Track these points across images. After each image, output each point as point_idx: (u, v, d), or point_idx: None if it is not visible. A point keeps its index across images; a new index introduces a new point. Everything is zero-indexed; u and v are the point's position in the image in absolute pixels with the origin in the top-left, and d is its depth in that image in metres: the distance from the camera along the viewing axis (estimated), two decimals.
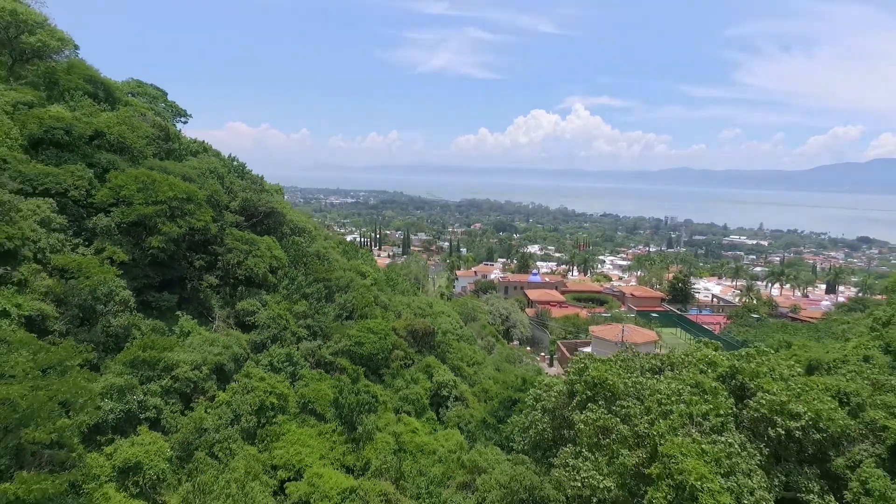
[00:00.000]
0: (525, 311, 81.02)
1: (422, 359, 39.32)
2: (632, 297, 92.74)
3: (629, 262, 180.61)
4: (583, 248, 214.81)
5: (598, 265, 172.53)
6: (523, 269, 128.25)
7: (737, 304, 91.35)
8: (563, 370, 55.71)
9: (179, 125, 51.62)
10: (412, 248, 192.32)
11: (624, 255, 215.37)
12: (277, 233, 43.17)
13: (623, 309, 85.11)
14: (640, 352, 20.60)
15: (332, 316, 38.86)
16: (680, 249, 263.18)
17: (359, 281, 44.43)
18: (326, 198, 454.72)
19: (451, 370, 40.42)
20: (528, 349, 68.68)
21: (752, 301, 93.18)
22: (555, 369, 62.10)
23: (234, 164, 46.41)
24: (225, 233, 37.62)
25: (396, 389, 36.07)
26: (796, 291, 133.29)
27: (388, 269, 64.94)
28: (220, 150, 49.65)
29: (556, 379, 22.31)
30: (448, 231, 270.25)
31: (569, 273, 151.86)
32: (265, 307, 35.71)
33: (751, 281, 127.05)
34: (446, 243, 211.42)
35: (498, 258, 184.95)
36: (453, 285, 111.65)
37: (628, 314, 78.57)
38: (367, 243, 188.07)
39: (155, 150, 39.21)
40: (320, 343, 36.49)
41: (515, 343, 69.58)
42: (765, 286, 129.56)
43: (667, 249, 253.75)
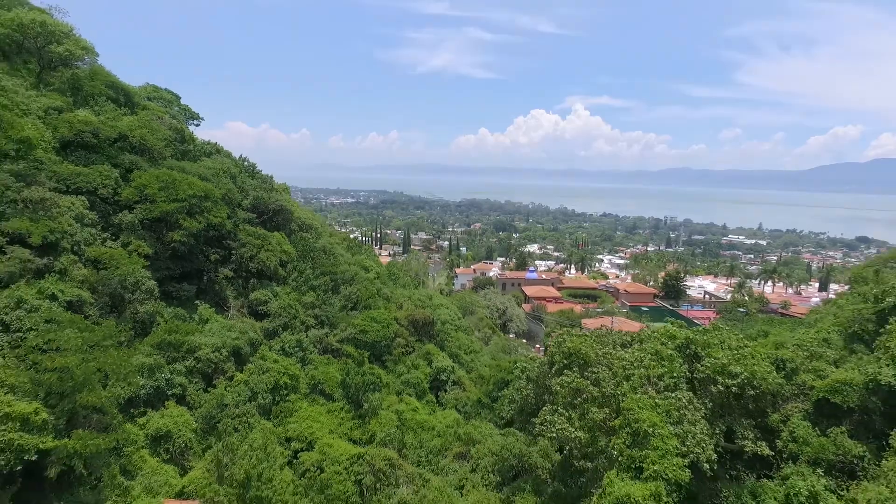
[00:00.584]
0: (522, 307, 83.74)
1: (422, 346, 42.00)
2: (625, 293, 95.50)
3: (626, 261, 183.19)
4: (581, 247, 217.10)
5: (596, 264, 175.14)
6: (521, 266, 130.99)
7: (728, 301, 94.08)
8: None
9: (192, 127, 54.45)
10: (412, 247, 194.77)
11: (622, 255, 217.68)
12: (286, 229, 45.89)
13: (617, 304, 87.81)
14: (613, 329, 23.28)
15: (338, 306, 41.57)
16: (678, 249, 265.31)
17: (363, 274, 47.12)
18: (327, 198, 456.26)
19: (450, 357, 43.13)
20: (524, 341, 71.32)
21: (743, 298, 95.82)
22: None
23: (245, 164, 49.11)
24: (238, 229, 40.33)
25: (398, 374, 38.76)
26: (789, 289, 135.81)
27: (389, 266, 67.56)
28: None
29: (539, 355, 25.00)
30: (448, 231, 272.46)
31: (566, 271, 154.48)
32: (276, 297, 38.43)
33: (744, 279, 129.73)
34: (446, 243, 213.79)
35: (497, 257, 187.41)
36: (452, 282, 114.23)
37: (621, 309, 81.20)
38: (368, 242, 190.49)
39: (172, 152, 41.96)
40: (327, 331, 39.21)
41: (512, 336, 72.25)
42: (758, 284, 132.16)
43: (665, 249, 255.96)
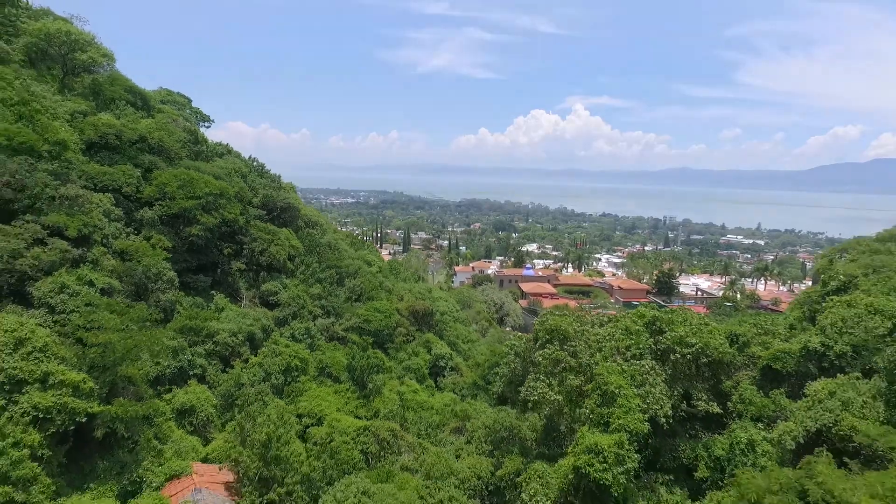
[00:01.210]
0: (518, 302, 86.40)
1: (422, 335, 44.68)
2: (619, 289, 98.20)
3: (623, 260, 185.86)
4: (580, 246, 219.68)
5: (594, 262, 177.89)
6: (519, 264, 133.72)
7: (718, 297, 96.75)
8: None
9: (202, 128, 57.14)
10: (412, 246, 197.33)
11: (620, 254, 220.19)
12: (293, 225, 48.59)
13: (611, 300, 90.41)
14: (592, 310, 25.94)
15: (342, 298, 44.26)
16: (676, 248, 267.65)
17: (366, 268, 49.81)
18: (327, 198, 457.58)
19: (448, 346, 45.82)
20: (520, 335, 73.78)
21: (734, 294, 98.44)
22: None
23: (254, 164, 51.78)
24: (250, 224, 43.02)
25: (400, 361, 41.43)
26: (782, 287, 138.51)
27: (390, 262, 70.20)
28: None
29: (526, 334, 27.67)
30: (448, 231, 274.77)
31: (563, 269, 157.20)
32: (286, 289, 41.13)
33: (738, 277, 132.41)
34: (446, 242, 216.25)
35: (496, 256, 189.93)
36: (452, 280, 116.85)
37: (615, 304, 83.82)
38: (369, 241, 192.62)
39: (187, 153, 44.65)
40: (333, 320, 41.90)
41: (508, 329, 74.80)
42: (751, 282, 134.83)
43: (663, 248, 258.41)
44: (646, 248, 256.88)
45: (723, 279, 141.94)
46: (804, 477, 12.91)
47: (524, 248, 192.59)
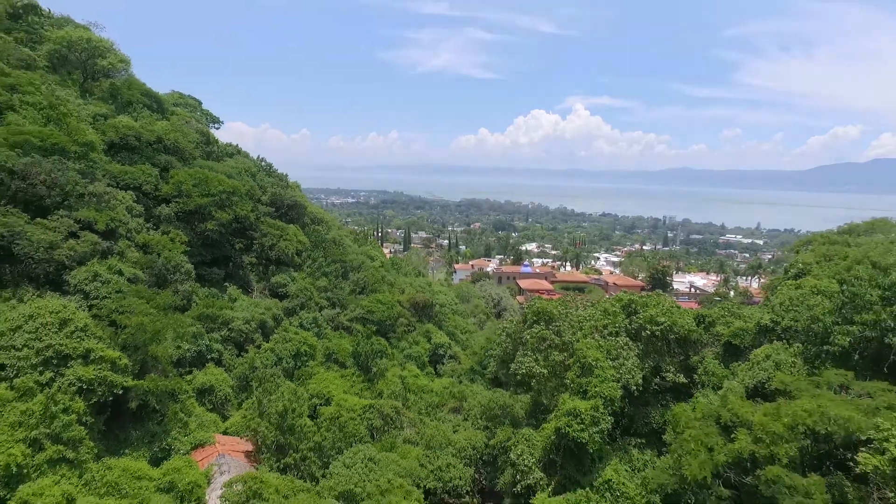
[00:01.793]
0: (516, 298, 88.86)
1: (422, 326, 47.17)
2: (614, 285, 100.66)
3: (621, 259, 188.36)
4: (578, 245, 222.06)
5: (592, 261, 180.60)
6: (517, 262, 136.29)
7: (711, 293, 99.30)
8: None
9: (212, 129, 59.64)
10: (413, 245, 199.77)
11: (618, 253, 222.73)
12: (300, 222, 51.07)
13: (606, 296, 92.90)
14: (576, 295, 28.44)
15: (347, 290, 46.75)
16: (674, 248, 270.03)
17: (369, 263, 52.31)
18: (327, 198, 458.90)
19: (447, 336, 48.28)
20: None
21: (727, 291, 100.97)
22: None
23: (263, 164, 54.29)
24: (260, 221, 45.51)
25: (401, 349, 43.89)
26: None
27: (392, 258, 72.66)
28: None
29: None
30: (448, 230, 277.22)
31: (561, 268, 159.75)
32: (294, 281, 43.61)
33: (733, 275, 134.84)
34: (446, 241, 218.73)
35: (496, 255, 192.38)
36: (451, 277, 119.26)
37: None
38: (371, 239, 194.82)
39: (200, 153, 47.17)
40: (338, 311, 44.39)
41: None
42: (746, 279, 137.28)
43: (662, 248, 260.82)
44: (644, 247, 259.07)
45: (718, 277, 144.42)
46: (720, 407, 15.48)
47: (523, 248, 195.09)
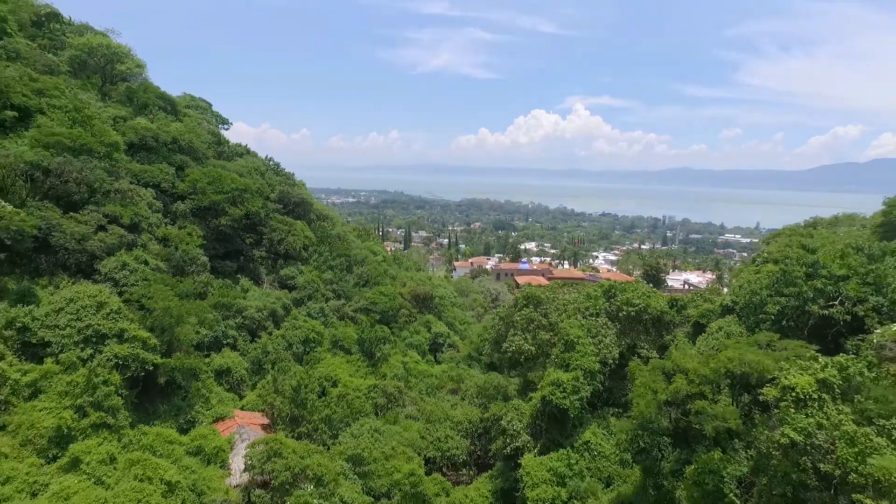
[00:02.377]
0: (513, 293, 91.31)
1: (423, 317, 49.72)
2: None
3: (619, 258, 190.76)
4: (577, 244, 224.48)
5: (591, 260, 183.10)
6: (515, 259, 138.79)
7: (703, 289, 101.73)
8: None
9: (222, 130, 62.21)
10: (413, 244, 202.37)
11: (617, 252, 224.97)
12: (306, 218, 53.63)
13: None
14: (563, 283, 30.97)
15: (351, 283, 49.32)
16: (673, 247, 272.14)
17: (371, 257, 54.88)
18: (328, 197, 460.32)
19: (446, 326, 50.84)
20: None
21: (720, 287, 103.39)
22: None
23: (271, 163, 56.83)
24: (269, 217, 48.07)
25: (403, 338, 46.42)
26: None
27: (393, 255, 75.09)
28: None
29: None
30: (448, 229, 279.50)
31: (559, 265, 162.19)
32: (301, 274, 46.17)
33: (729, 273, 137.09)
34: (446, 240, 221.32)
35: (495, 253, 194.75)
36: (451, 275, 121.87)
37: None
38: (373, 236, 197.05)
39: (212, 153, 49.74)
40: (343, 302, 46.96)
41: None
42: None
43: (660, 247, 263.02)
44: (643, 246, 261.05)
45: (713, 275, 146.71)
46: (667, 360, 18.08)
47: (522, 246, 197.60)
